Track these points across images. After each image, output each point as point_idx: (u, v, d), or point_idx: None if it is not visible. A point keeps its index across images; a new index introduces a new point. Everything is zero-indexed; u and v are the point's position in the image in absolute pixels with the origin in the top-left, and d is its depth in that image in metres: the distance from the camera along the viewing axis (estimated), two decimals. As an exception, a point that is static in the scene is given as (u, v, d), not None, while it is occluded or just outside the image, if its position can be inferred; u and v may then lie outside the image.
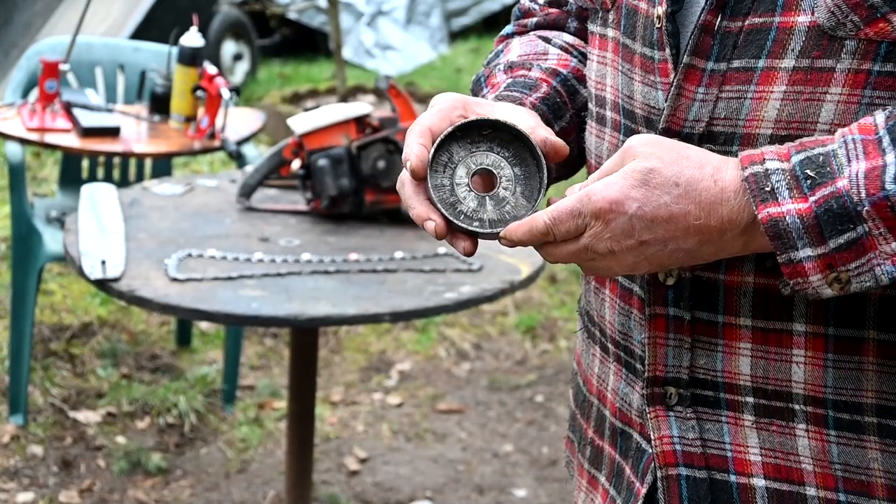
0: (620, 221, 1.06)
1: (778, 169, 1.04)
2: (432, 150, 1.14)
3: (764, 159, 1.05)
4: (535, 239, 1.10)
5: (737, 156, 1.08)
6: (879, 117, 1.03)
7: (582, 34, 1.40)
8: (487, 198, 1.14)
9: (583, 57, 1.38)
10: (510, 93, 1.30)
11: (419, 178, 1.14)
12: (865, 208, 1.00)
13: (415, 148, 1.15)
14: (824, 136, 1.07)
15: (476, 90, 1.38)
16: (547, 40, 1.40)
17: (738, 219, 1.05)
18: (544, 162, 1.16)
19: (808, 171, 1.03)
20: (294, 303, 2.36)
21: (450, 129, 1.16)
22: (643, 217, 1.05)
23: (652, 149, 1.07)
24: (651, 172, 1.05)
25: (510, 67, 1.35)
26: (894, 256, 1.01)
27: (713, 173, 1.05)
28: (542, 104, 1.30)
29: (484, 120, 1.16)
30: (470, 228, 1.13)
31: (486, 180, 1.16)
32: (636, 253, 1.07)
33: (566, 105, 1.33)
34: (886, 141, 1.01)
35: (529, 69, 1.34)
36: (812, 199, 1.02)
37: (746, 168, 1.05)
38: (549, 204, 1.12)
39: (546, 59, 1.36)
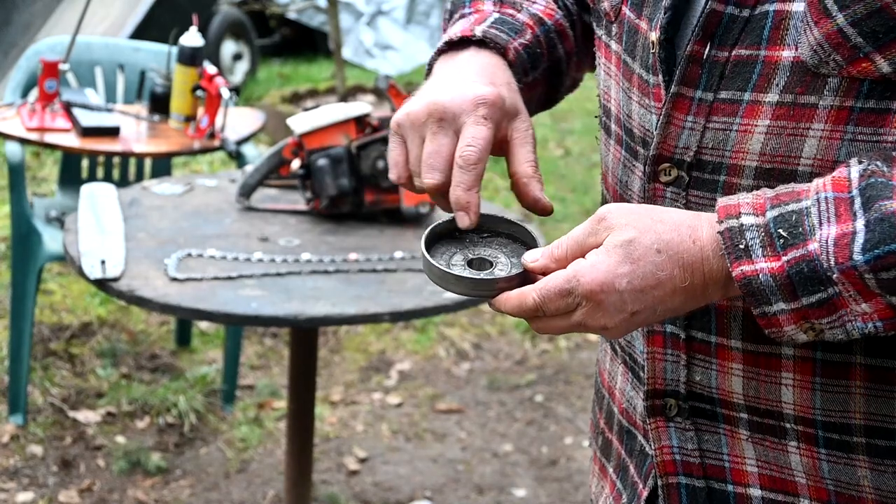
0: (612, 299, 1.07)
1: (752, 225, 1.05)
2: (426, 236, 1.15)
3: (740, 213, 1.06)
4: (524, 314, 1.11)
5: (724, 187, 1.11)
6: (854, 172, 1.03)
7: None
8: (483, 273, 1.15)
9: (566, 10, 1.38)
10: (498, 32, 1.29)
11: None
12: (835, 275, 1.01)
13: (474, 201, 1.17)
14: (805, 175, 1.08)
15: (456, 5, 1.37)
16: None
17: (718, 276, 1.07)
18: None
19: (780, 231, 1.04)
20: (294, 302, 2.36)
21: (451, 223, 1.17)
22: (633, 290, 1.06)
23: (626, 218, 1.08)
24: (631, 244, 1.06)
25: (500, 0, 1.35)
26: (864, 315, 1.02)
27: (690, 234, 1.07)
28: (524, 51, 1.30)
29: (484, 218, 1.18)
30: (464, 275, 1.13)
31: (482, 263, 1.17)
32: (628, 323, 1.09)
33: (542, 57, 1.33)
34: (857, 203, 1.02)
35: (518, 10, 1.34)
36: (784, 258, 1.03)
37: (722, 222, 1.06)
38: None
39: (533, 4, 1.36)
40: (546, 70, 1.34)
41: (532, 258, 1.12)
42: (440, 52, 1.30)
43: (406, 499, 3.40)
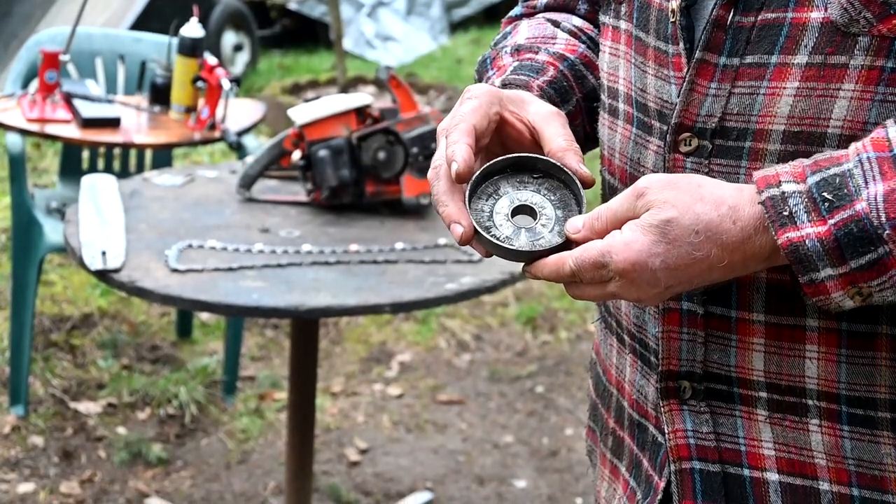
0: (645, 277, 1.06)
1: (795, 192, 1.03)
2: (476, 177, 1.14)
3: (780, 181, 1.04)
4: (561, 279, 1.11)
5: (749, 153, 1.09)
6: (892, 131, 1.03)
7: (591, 17, 1.40)
8: (524, 229, 1.14)
9: (591, 42, 1.38)
10: (517, 76, 1.29)
11: (462, 182, 1.13)
12: (886, 231, 1.00)
13: (462, 149, 1.14)
14: (834, 137, 1.07)
15: (481, 72, 1.37)
16: (556, 24, 1.39)
17: (760, 252, 1.06)
18: (586, 209, 1.16)
19: (825, 194, 1.03)
20: (294, 294, 2.36)
21: (502, 162, 1.16)
22: (667, 269, 1.06)
23: (665, 194, 1.06)
24: (669, 224, 1.05)
25: (517, 50, 1.35)
26: None
27: (731, 214, 1.05)
28: (549, 87, 1.29)
29: (536, 160, 1.16)
30: (499, 244, 1.13)
31: (526, 213, 1.16)
32: (662, 296, 1.09)
33: (573, 89, 1.32)
34: None
35: (536, 52, 1.33)
36: (831, 221, 1.02)
37: (763, 191, 1.04)
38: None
39: (554, 44, 1.35)
40: (581, 101, 1.33)
41: (574, 229, 1.11)
42: None
43: (407, 490, 3.40)
